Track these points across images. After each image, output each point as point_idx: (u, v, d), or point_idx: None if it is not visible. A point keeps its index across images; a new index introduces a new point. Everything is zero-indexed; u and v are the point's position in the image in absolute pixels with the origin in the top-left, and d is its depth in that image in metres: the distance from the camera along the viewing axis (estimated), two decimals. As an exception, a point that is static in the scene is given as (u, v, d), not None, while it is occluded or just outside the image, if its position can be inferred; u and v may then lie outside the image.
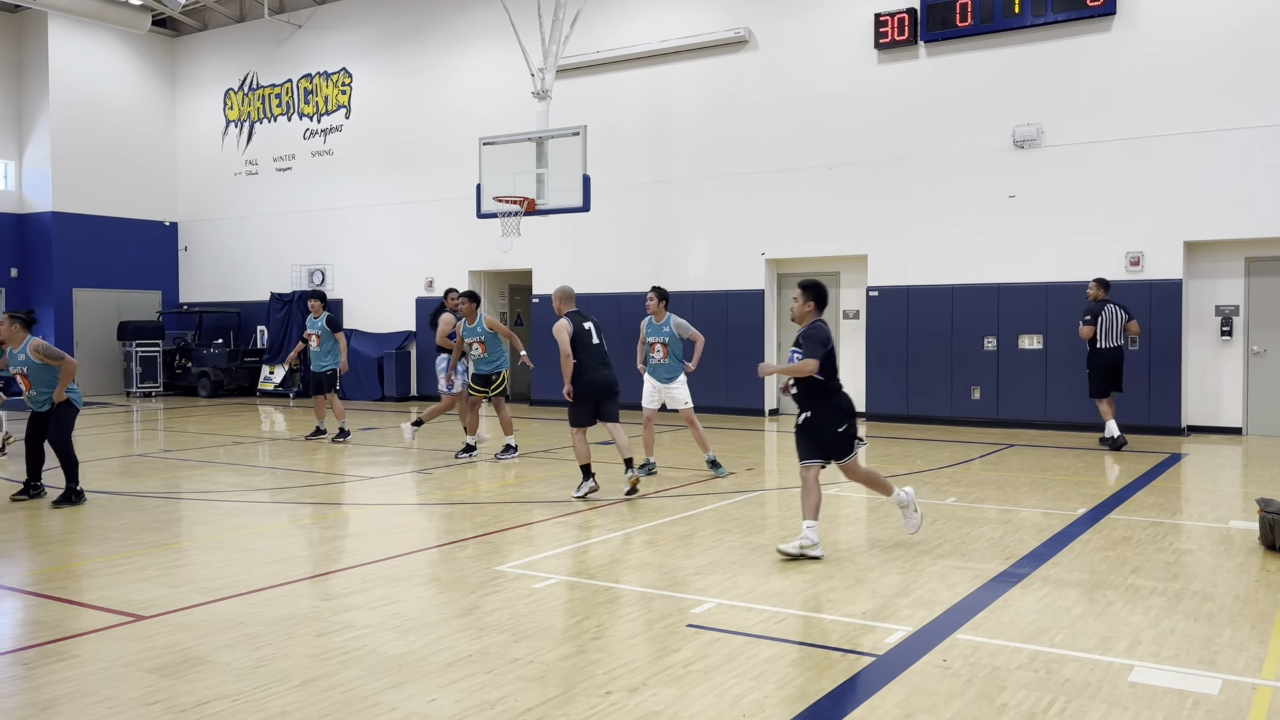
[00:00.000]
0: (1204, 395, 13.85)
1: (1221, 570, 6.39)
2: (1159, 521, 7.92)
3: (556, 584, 6.15)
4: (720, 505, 8.69)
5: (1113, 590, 5.92)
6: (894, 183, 15.50)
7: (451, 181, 19.25)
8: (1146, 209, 13.75)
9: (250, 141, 22.82)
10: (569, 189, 14.13)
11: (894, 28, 15.25)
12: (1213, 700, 4.23)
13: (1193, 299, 13.89)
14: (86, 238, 22.17)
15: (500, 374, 11.75)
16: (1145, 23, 13.73)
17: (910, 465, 11.21)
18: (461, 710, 4.15)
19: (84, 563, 6.76)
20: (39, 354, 8.69)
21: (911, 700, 4.23)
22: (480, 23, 19.11)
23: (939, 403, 14.99)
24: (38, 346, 8.74)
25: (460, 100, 19.63)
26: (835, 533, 7.72)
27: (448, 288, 13.57)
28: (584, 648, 4.93)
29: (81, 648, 4.99)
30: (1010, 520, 7.99)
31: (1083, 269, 14.10)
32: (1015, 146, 14.57)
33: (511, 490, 9.70)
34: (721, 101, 16.91)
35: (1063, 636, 5.06)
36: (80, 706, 4.22)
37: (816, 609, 5.56)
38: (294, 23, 21.88)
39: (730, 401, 16.84)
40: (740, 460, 11.57)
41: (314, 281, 21.51)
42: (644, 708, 4.17)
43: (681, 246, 17.38)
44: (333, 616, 5.48)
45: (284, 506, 9.08)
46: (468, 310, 11.63)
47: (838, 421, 6.71)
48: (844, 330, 16.40)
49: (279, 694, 4.34)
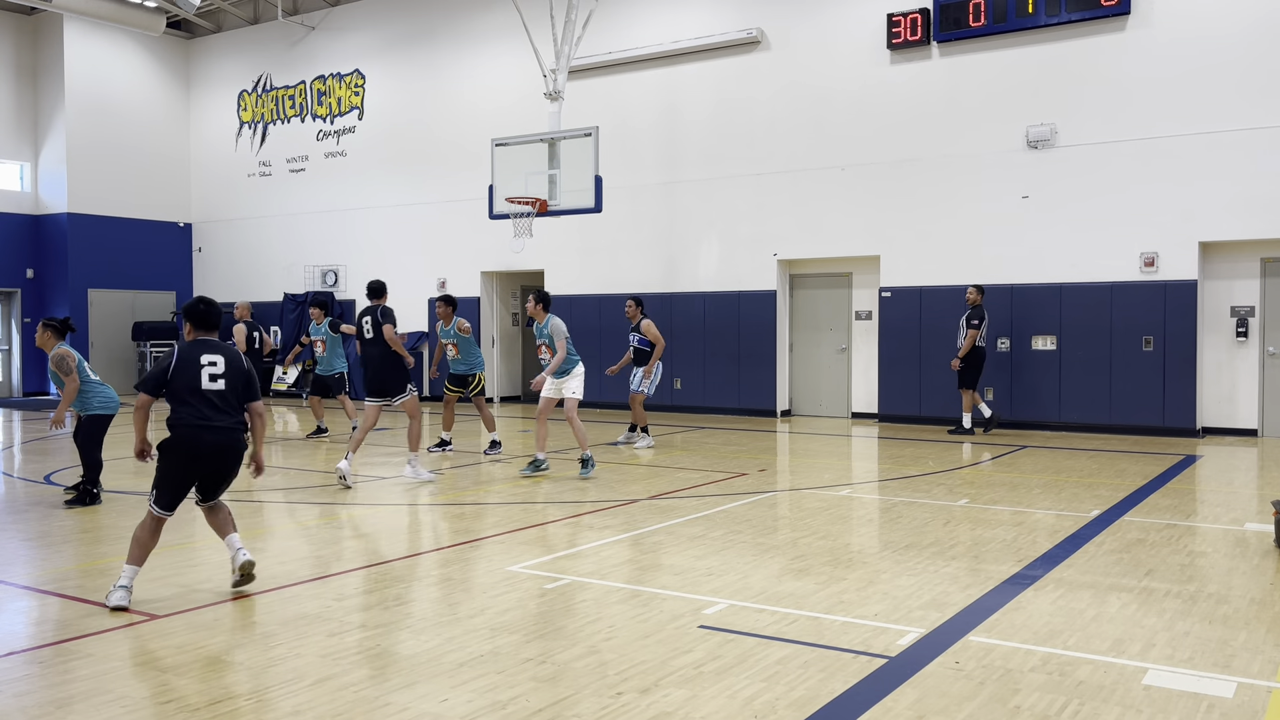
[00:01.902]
0: (1219, 397, 13.77)
1: (1237, 573, 6.35)
2: (1174, 523, 7.88)
3: (568, 584, 6.16)
4: (732, 506, 8.68)
5: (1127, 592, 5.88)
6: (907, 183, 15.46)
7: (464, 182, 19.30)
8: (1161, 209, 13.68)
9: (264, 143, 22.91)
10: (581, 190, 14.14)
11: (907, 28, 15.22)
12: (1228, 704, 4.20)
13: (1208, 300, 13.81)
14: (102, 239, 22.31)
15: (476, 375, 12.19)
16: (1160, 22, 13.66)
17: (923, 466, 11.18)
18: (473, 710, 4.16)
19: (99, 562, 6.79)
20: (55, 365, 8.67)
21: (924, 702, 4.22)
22: (493, 24, 19.15)
23: (952, 404, 14.93)
24: (55, 358, 8.67)
25: (473, 101, 19.67)
26: (847, 535, 7.70)
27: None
28: (595, 648, 4.93)
29: (96, 646, 5.01)
30: (1023, 522, 7.96)
31: (1097, 270, 14.05)
32: (1029, 147, 14.51)
33: (523, 491, 9.71)
34: (733, 102, 16.89)
35: (1076, 639, 5.03)
36: (95, 705, 4.24)
37: (828, 610, 5.55)
38: (307, 24, 21.97)
39: (742, 402, 16.83)
40: (752, 461, 11.56)
41: (327, 282, 21.58)
42: (655, 709, 4.16)
43: (693, 247, 17.38)
44: (345, 616, 5.50)
45: (296, 506, 9.11)
46: (443, 313, 12.11)
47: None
48: (856, 331, 16.37)
49: (292, 693, 4.36)
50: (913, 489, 9.61)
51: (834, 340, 16.66)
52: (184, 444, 5.72)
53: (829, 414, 16.68)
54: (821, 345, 16.77)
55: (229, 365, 5.87)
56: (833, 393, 16.69)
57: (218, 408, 5.79)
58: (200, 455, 5.75)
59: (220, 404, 5.80)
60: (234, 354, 5.96)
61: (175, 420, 5.76)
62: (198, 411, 5.74)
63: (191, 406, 5.75)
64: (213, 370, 5.82)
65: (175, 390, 5.77)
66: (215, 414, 5.77)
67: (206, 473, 5.85)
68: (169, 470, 5.76)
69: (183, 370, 5.79)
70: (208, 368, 5.81)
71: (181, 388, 5.76)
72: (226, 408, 5.83)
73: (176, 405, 5.78)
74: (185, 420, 5.74)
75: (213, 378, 5.81)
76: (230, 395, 5.86)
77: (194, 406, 5.75)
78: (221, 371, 5.84)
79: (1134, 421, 13.85)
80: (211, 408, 5.77)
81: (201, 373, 5.79)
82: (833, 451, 12.83)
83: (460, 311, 19.53)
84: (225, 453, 5.83)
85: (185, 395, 5.76)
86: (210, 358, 5.84)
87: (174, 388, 5.77)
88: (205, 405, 5.76)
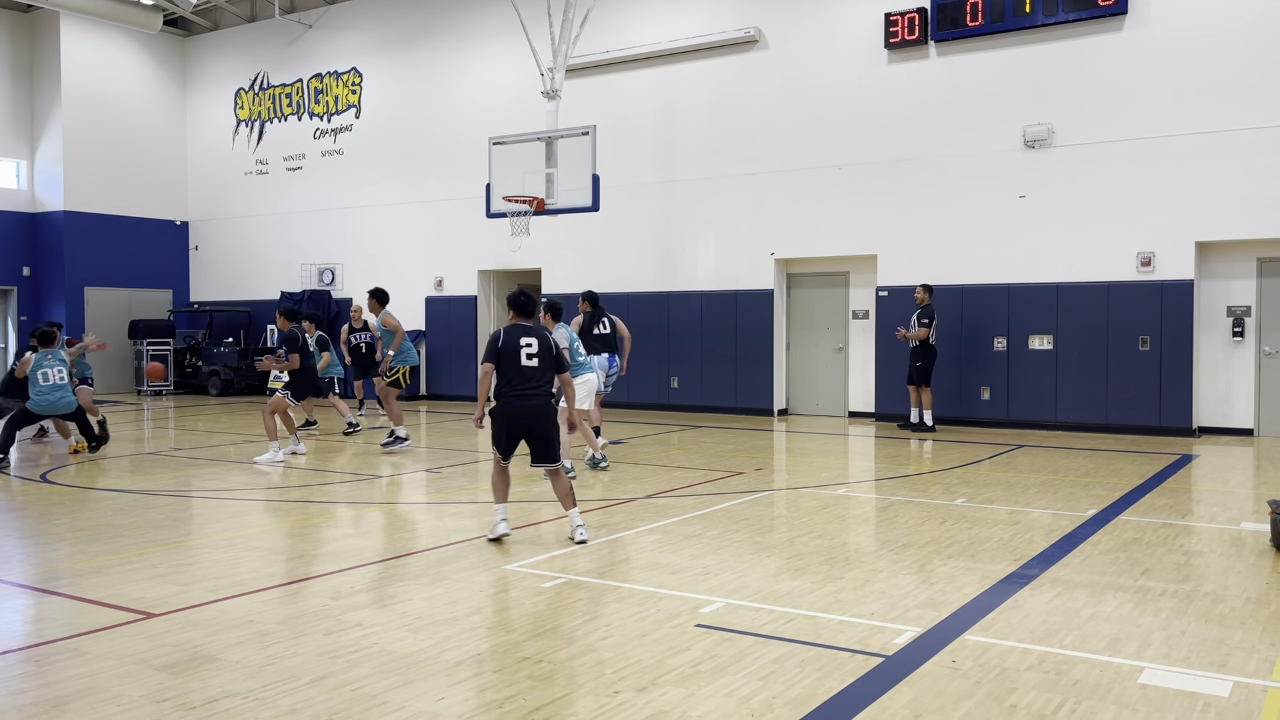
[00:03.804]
0: (1215, 396, 13.79)
1: (1233, 572, 6.36)
2: (1170, 523, 7.89)
3: (565, 583, 6.16)
4: (729, 505, 8.69)
5: (1123, 592, 5.89)
6: (904, 182, 15.46)
7: (461, 181, 19.29)
8: (1158, 209, 13.70)
9: (261, 141, 22.88)
10: (578, 189, 14.13)
11: (904, 27, 15.22)
12: (1223, 703, 4.21)
13: (1204, 300, 13.83)
14: (98, 237, 22.27)
15: (397, 369, 12.70)
16: (1157, 22, 13.68)
17: (920, 465, 11.19)
18: (470, 709, 4.16)
19: (95, 560, 6.79)
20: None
21: (920, 701, 4.22)
22: (490, 23, 19.13)
23: (948, 403, 14.95)
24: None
25: (470, 100, 19.66)
26: (844, 534, 7.71)
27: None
28: (592, 647, 4.93)
29: (92, 645, 5.01)
30: (1020, 521, 7.97)
31: (1094, 269, 14.06)
32: (1026, 146, 14.53)
33: (519, 490, 9.71)
34: (731, 101, 16.89)
35: (1073, 638, 5.04)
36: (91, 703, 4.24)
37: (825, 609, 5.56)
38: (304, 22, 21.94)
39: (739, 401, 16.83)
40: (749, 460, 11.56)
41: (324, 281, 21.56)
42: (652, 707, 4.17)
43: (690, 246, 17.38)
44: (342, 615, 5.49)
45: (294, 505, 9.11)
46: (373, 307, 12.84)
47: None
48: (853, 330, 16.38)
49: (288, 692, 4.35)
50: (909, 488, 9.62)
51: (831, 339, 16.66)
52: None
53: (826, 413, 16.68)
54: (819, 344, 16.77)
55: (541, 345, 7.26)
56: (830, 392, 16.70)
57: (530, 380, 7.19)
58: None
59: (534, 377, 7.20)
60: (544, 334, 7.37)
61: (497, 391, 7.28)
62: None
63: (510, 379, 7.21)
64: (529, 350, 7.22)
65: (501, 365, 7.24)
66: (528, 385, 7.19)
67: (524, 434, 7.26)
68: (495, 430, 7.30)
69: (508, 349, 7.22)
70: (525, 348, 7.22)
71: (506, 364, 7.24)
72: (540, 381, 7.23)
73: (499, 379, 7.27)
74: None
75: (529, 356, 7.20)
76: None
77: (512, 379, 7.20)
78: (536, 350, 7.24)
79: (1130, 421, 13.86)
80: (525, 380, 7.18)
81: (520, 352, 7.20)
82: (829, 450, 12.84)
83: (457, 310, 19.54)
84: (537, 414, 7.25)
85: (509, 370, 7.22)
86: (527, 340, 7.24)
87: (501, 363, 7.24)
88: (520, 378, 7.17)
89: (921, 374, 14.24)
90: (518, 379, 7.14)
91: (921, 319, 14.20)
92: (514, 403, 7.13)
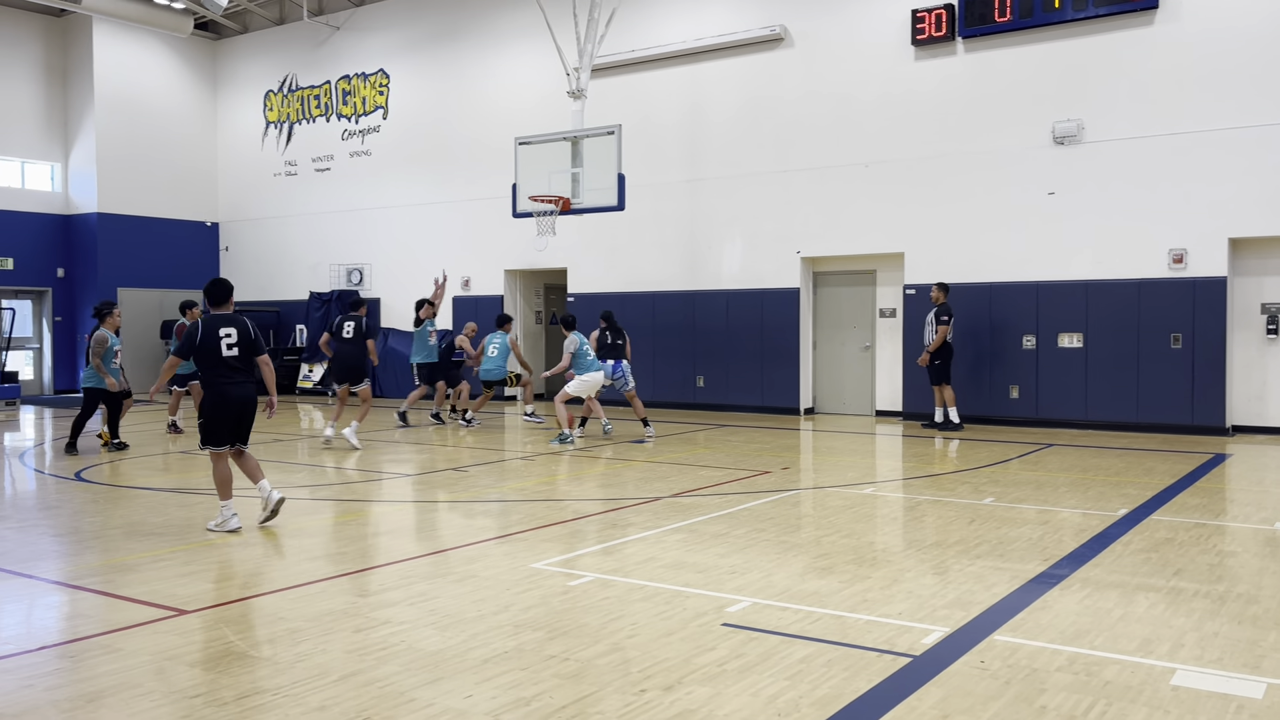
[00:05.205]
0: (1249, 395, 13.61)
1: (1267, 573, 6.27)
2: (1203, 523, 7.79)
3: (591, 582, 6.17)
4: (755, 504, 8.67)
5: (1155, 592, 5.83)
6: (931, 180, 15.37)
7: (487, 181, 19.37)
8: (1190, 205, 13.53)
9: (289, 142, 23.09)
10: (604, 188, 14.16)
11: (931, 24, 15.12)
12: (1257, 704, 4.15)
13: (1238, 297, 13.64)
14: (131, 238, 22.56)
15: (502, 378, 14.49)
16: (1188, 16, 13.51)
17: (947, 465, 11.12)
18: (497, 706, 4.18)
19: (128, 558, 6.87)
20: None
21: (949, 701, 4.20)
22: (516, 23, 19.20)
23: (977, 402, 14.84)
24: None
25: (496, 100, 19.73)
26: (871, 533, 7.68)
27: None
28: (619, 645, 4.94)
29: (126, 641, 5.07)
30: (1049, 521, 7.90)
31: (1124, 267, 13.92)
32: (1055, 143, 14.39)
33: (545, 489, 9.74)
34: (757, 100, 16.85)
35: (1103, 639, 4.99)
36: (124, 699, 4.30)
37: (852, 609, 5.53)
38: (332, 24, 22.11)
39: (765, 400, 16.80)
40: (775, 459, 11.53)
41: (352, 281, 21.72)
42: (678, 706, 4.17)
43: (716, 245, 17.35)
44: (370, 612, 5.54)
45: (323, 503, 9.18)
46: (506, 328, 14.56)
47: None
48: (880, 329, 16.30)
49: (318, 688, 4.39)
50: (937, 487, 9.56)
51: (858, 338, 16.59)
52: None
53: (853, 412, 16.61)
54: (845, 343, 16.70)
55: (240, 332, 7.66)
56: (856, 390, 16.62)
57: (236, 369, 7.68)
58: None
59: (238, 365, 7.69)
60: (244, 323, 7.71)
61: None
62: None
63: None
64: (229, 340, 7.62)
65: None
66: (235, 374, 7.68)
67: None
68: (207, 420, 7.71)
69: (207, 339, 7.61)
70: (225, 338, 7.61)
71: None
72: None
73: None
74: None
75: (229, 346, 7.61)
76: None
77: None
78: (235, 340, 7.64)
79: (1162, 420, 13.71)
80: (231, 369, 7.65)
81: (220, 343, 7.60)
82: (856, 450, 12.78)
83: (483, 309, 19.59)
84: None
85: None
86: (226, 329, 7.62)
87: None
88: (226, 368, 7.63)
89: (940, 372, 14.17)
90: (222, 368, 7.60)
91: (940, 317, 14.10)
92: (227, 390, 7.62)
